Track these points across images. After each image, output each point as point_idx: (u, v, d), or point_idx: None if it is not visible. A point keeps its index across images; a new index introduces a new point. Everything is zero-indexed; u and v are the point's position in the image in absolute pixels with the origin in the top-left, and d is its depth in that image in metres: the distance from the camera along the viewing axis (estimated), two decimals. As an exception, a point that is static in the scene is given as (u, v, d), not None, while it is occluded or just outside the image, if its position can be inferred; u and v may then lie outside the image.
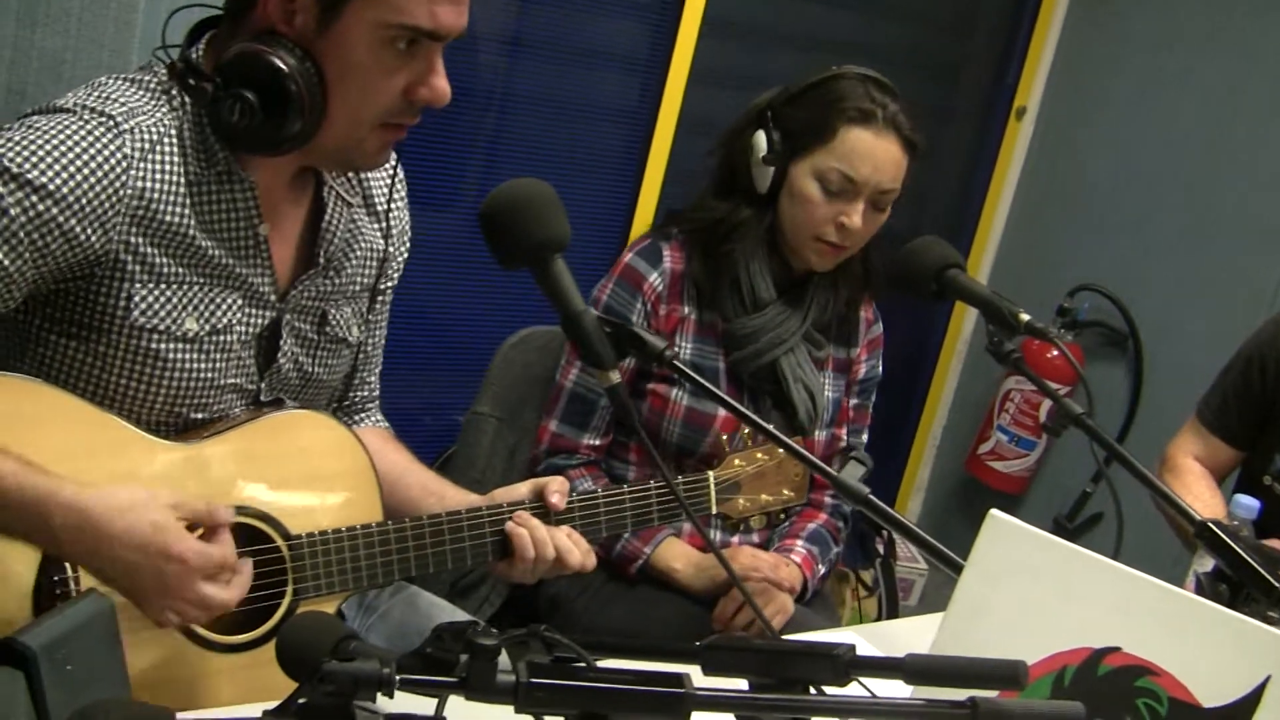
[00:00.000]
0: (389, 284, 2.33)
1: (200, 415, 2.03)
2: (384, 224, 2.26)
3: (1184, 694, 1.56)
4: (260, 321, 2.07)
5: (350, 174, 2.18)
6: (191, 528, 1.76)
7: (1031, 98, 5.40)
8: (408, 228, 2.37)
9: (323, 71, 1.89)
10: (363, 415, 2.43)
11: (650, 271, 2.82)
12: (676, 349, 2.78)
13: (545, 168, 4.29)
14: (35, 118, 1.86)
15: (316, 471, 2.05)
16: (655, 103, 4.47)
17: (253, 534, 1.96)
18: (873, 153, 2.71)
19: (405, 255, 2.37)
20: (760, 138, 2.78)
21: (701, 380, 1.93)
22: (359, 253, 2.22)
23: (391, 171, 2.26)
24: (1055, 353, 4.85)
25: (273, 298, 2.07)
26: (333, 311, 2.19)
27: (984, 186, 5.50)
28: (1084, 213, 5.21)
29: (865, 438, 3.14)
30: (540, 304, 1.86)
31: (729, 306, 2.83)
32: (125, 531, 1.69)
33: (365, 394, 2.42)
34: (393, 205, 2.27)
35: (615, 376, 1.82)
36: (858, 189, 2.72)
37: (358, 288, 2.24)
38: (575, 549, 2.17)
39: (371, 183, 2.25)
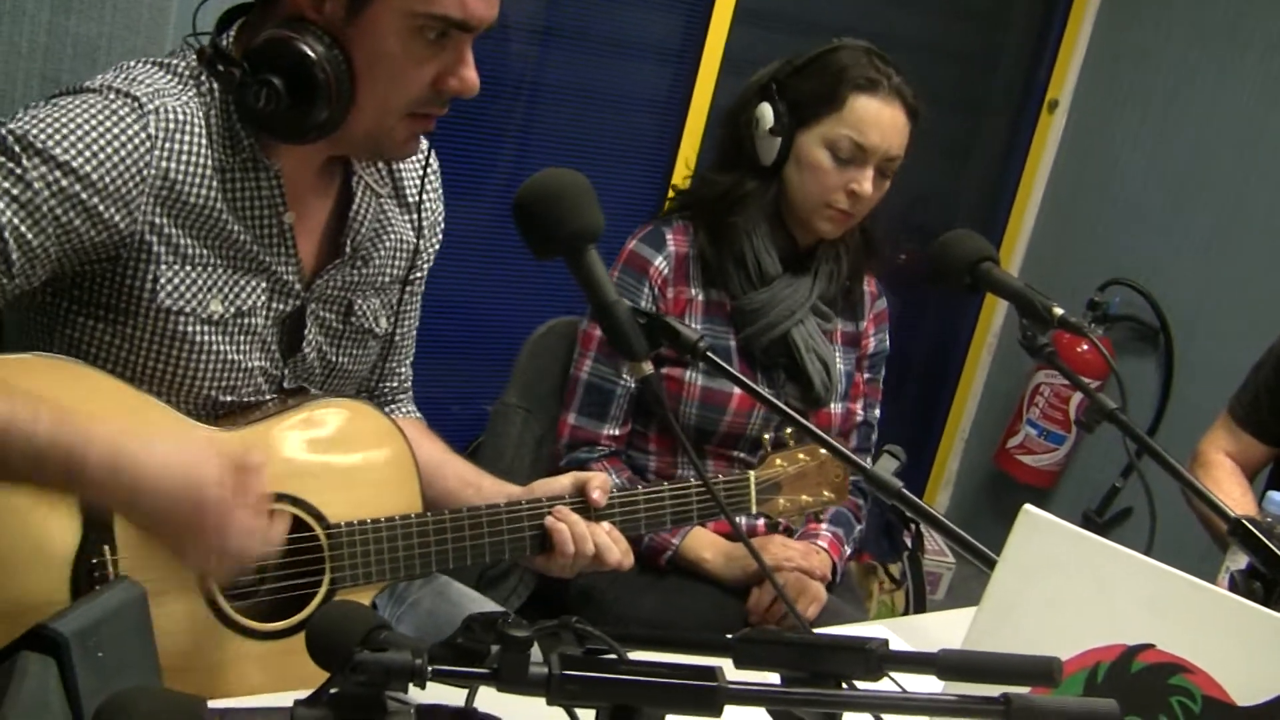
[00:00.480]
0: (419, 275, 2.33)
1: (229, 398, 2.03)
2: (415, 216, 2.25)
3: (1218, 692, 1.55)
4: (284, 309, 2.07)
5: (381, 164, 2.18)
6: None
7: (1064, 91, 5.39)
8: (440, 219, 2.36)
9: (351, 59, 1.89)
10: (394, 406, 2.43)
11: (655, 256, 2.84)
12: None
13: (577, 157, 4.29)
14: (62, 97, 1.86)
15: (356, 461, 2.05)
16: (688, 92, 4.47)
17: (290, 521, 1.96)
18: (881, 119, 2.74)
19: (436, 247, 2.37)
20: (766, 109, 2.80)
21: (734, 371, 1.92)
22: (388, 244, 2.21)
23: (424, 162, 2.25)
24: (1086, 347, 4.83)
25: (297, 286, 2.07)
26: (359, 302, 2.19)
27: (1016, 179, 5.49)
28: (1115, 207, 5.19)
29: (878, 413, 3.14)
30: (570, 294, 1.86)
31: (735, 283, 2.84)
32: (163, 463, 1.67)
33: (395, 384, 2.42)
34: (425, 197, 2.26)
35: (648, 367, 1.81)
36: (867, 156, 2.75)
37: (386, 279, 2.24)
38: (614, 547, 2.17)
39: (403, 173, 2.24)
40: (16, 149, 1.76)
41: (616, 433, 2.87)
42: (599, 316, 1.82)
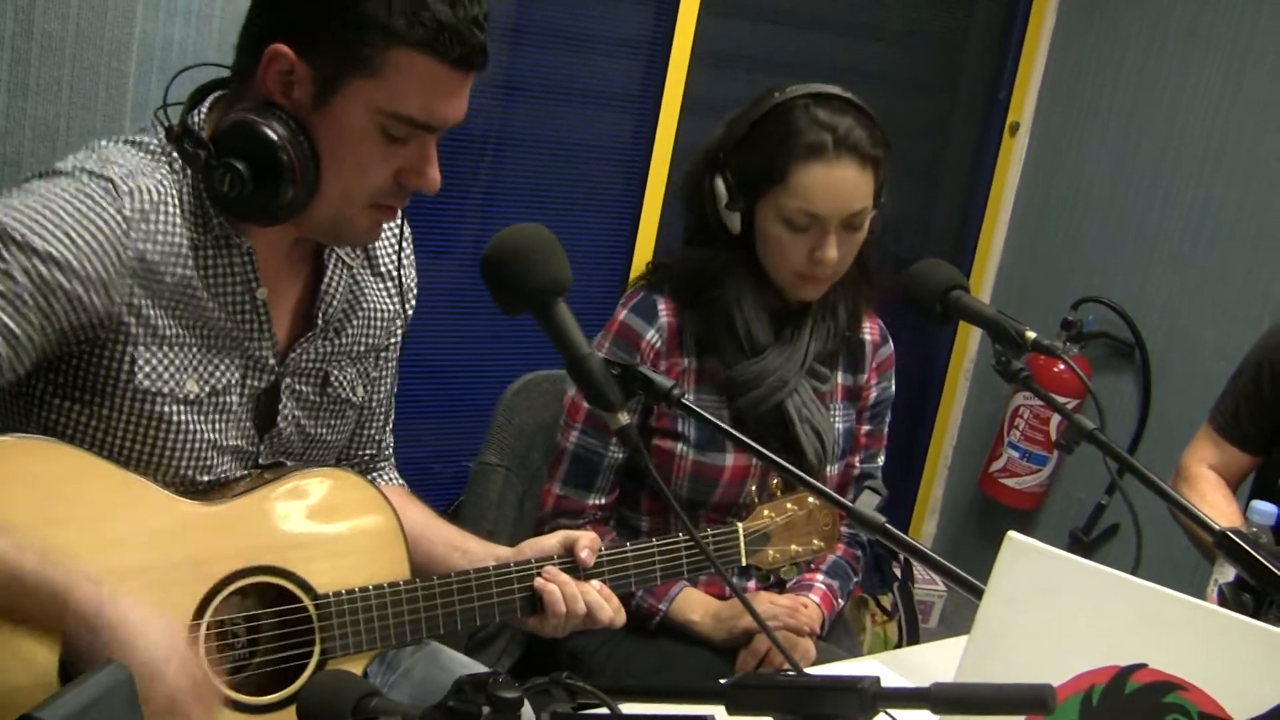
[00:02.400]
0: (393, 341, 2.32)
1: (205, 478, 2.02)
2: (392, 284, 2.26)
3: (1214, 708, 1.55)
4: (258, 385, 2.07)
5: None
6: None
7: (1024, 112, 5.41)
8: (414, 285, 2.36)
9: (316, 147, 1.90)
10: (376, 474, 2.42)
11: (647, 329, 2.77)
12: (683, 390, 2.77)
13: (542, 209, 4.29)
14: (35, 182, 1.86)
15: (343, 530, 2.04)
16: (650, 138, 4.48)
17: (279, 593, 1.95)
18: (829, 184, 2.61)
19: (410, 314, 2.36)
20: (719, 184, 2.70)
21: (711, 418, 1.92)
22: (362, 314, 2.21)
23: (398, 232, 2.26)
24: (1062, 366, 4.84)
25: (271, 361, 2.07)
26: (335, 372, 2.19)
27: (982, 203, 5.51)
28: (1084, 225, 5.21)
29: (882, 460, 3.09)
30: (545, 347, 1.85)
31: (728, 352, 2.77)
32: (139, 637, 1.68)
33: (374, 452, 2.41)
34: (402, 267, 2.27)
35: (624, 418, 1.81)
36: (824, 222, 2.63)
37: (362, 348, 2.23)
38: (606, 605, 2.16)
39: (376, 243, 2.25)
40: None
41: (603, 501, 2.82)
42: (571, 370, 1.81)
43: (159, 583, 1.84)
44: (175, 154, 1.94)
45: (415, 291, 2.37)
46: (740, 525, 2.39)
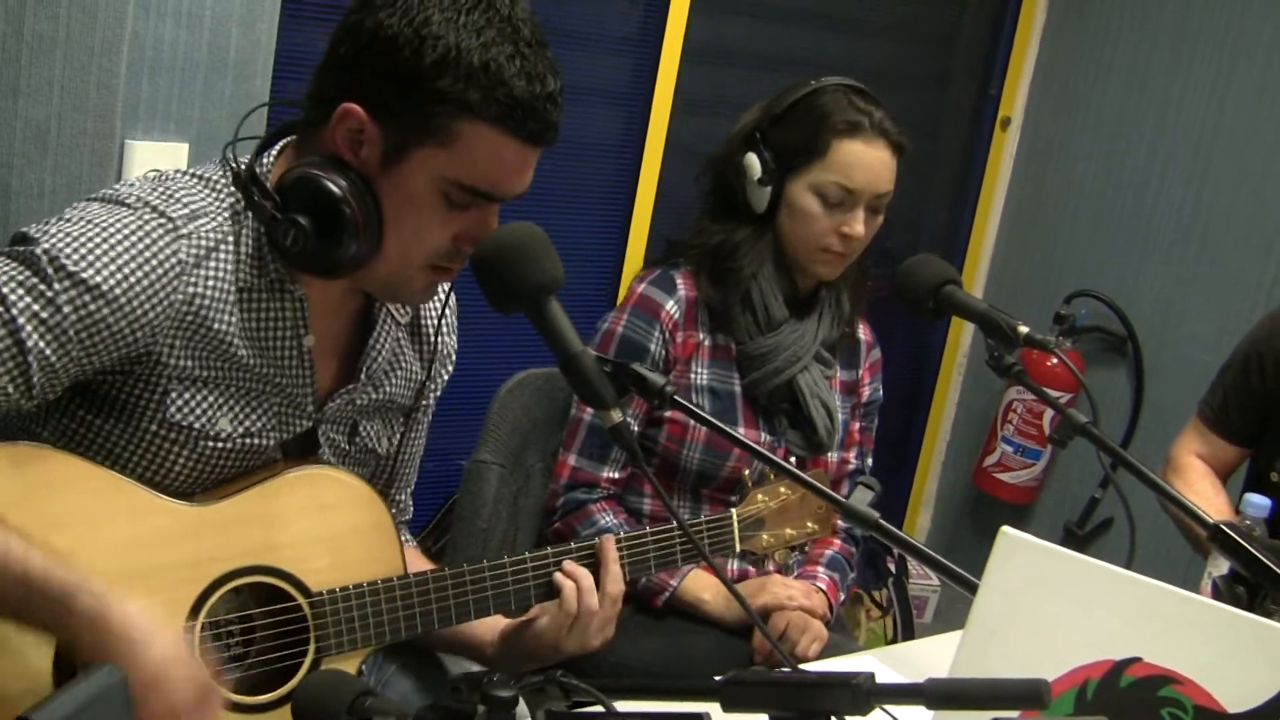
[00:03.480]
0: (426, 403, 2.32)
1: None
2: (426, 349, 2.26)
3: (1209, 701, 1.55)
4: (295, 429, 2.07)
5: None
6: None
7: (1015, 107, 5.41)
8: (453, 352, 2.37)
9: (380, 206, 1.90)
10: None
11: (666, 299, 2.83)
12: (695, 375, 2.81)
13: (534, 207, 4.27)
14: (95, 208, 1.85)
15: (336, 527, 2.04)
16: (641, 134, 4.47)
17: (273, 592, 1.95)
18: (866, 161, 2.74)
19: (445, 379, 2.38)
20: (752, 159, 2.80)
21: (701, 413, 1.93)
22: (401, 373, 2.22)
23: (444, 299, 2.26)
24: (1055, 360, 4.84)
25: (310, 408, 2.07)
26: (364, 423, 2.19)
27: (974, 198, 5.51)
28: (1075, 219, 5.21)
29: (870, 460, 3.14)
30: (538, 344, 1.86)
31: (742, 327, 2.84)
32: (143, 641, 1.65)
33: (394, 513, 2.40)
34: (441, 335, 2.28)
35: (617, 415, 1.81)
36: (856, 198, 2.75)
37: (394, 406, 2.23)
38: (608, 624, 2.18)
39: (422, 305, 2.25)
40: (50, 270, 1.75)
41: (617, 476, 2.85)
42: (564, 368, 1.82)
43: (153, 585, 1.83)
44: (240, 198, 1.93)
45: (454, 359, 2.38)
46: (734, 512, 2.39)
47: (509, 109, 1.84)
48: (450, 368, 2.38)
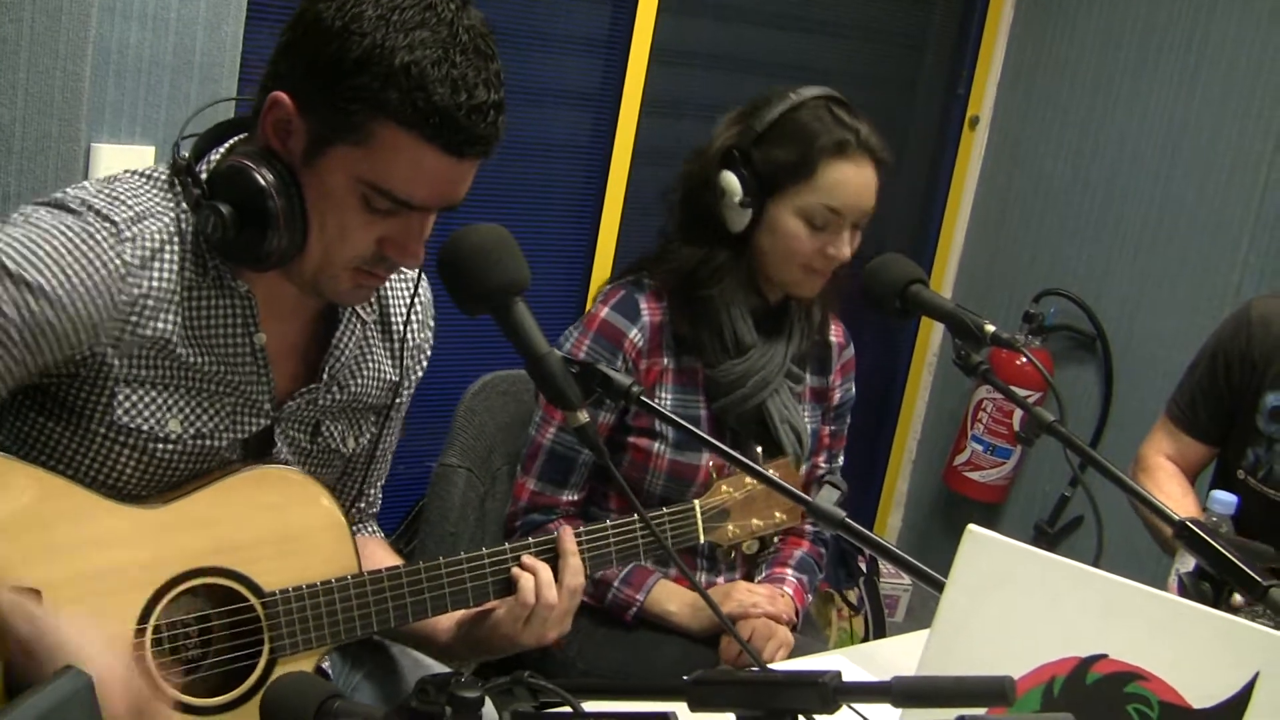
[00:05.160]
0: (399, 401, 2.29)
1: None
2: (396, 347, 2.23)
3: (1174, 697, 1.56)
4: (251, 428, 2.05)
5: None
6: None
7: (984, 107, 5.43)
8: (427, 346, 2.34)
9: (304, 200, 1.87)
10: (359, 526, 2.40)
11: (630, 327, 2.76)
12: (660, 400, 2.77)
13: (499, 209, 4.28)
14: (40, 212, 1.84)
15: (289, 527, 2.03)
16: (610, 135, 4.47)
17: (226, 593, 1.94)
18: (854, 182, 2.69)
19: (420, 375, 2.35)
20: (732, 179, 2.71)
21: (667, 414, 1.93)
22: (367, 372, 2.19)
23: (412, 291, 2.24)
24: (1024, 359, 4.84)
25: (267, 406, 2.05)
26: (327, 423, 2.17)
27: (943, 198, 5.52)
28: (1044, 217, 5.23)
29: (841, 460, 3.12)
30: (504, 347, 1.86)
31: (710, 352, 2.78)
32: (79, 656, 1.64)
33: (363, 506, 2.40)
34: (410, 329, 2.24)
35: (583, 416, 1.81)
36: (842, 219, 2.70)
37: (359, 405, 2.21)
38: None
39: (390, 300, 2.22)
40: None
41: (575, 498, 2.82)
42: (530, 369, 1.82)
43: (103, 589, 1.83)
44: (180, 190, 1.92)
45: (428, 353, 2.35)
46: (697, 503, 2.38)
47: (426, 115, 1.78)
48: (425, 362, 2.35)
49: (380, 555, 2.29)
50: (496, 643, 2.16)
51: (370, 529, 2.43)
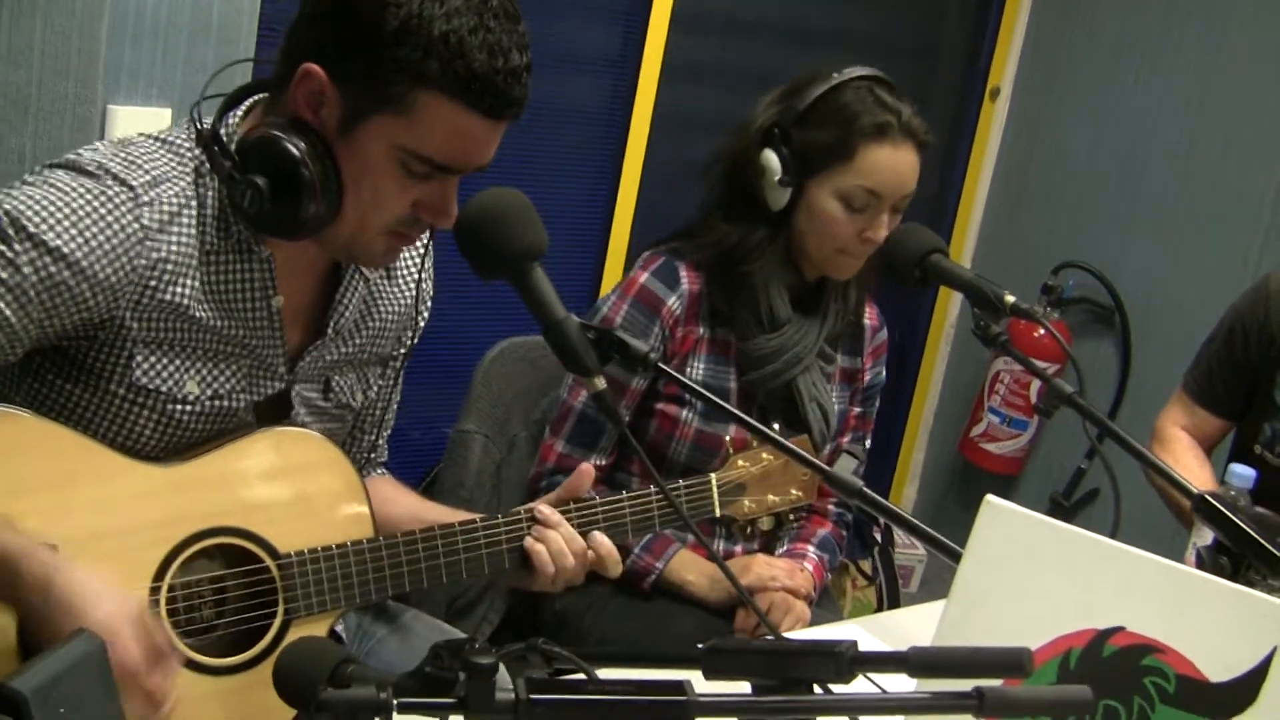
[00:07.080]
0: (403, 350, 2.31)
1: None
2: (413, 292, 2.25)
3: (1191, 670, 1.55)
4: (267, 390, 2.06)
5: None
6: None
7: (1004, 78, 5.40)
8: (427, 297, 2.34)
9: (339, 169, 1.87)
10: (367, 469, 2.40)
11: (669, 294, 2.75)
12: (692, 369, 2.77)
13: (518, 174, 4.27)
14: (59, 173, 1.84)
15: (305, 489, 2.03)
16: (629, 102, 4.45)
17: (241, 554, 1.95)
18: (894, 166, 2.66)
19: (423, 322, 2.36)
20: (771, 158, 2.69)
21: (692, 384, 1.92)
22: (373, 324, 2.20)
23: (424, 247, 2.24)
24: (1042, 331, 4.83)
25: (281, 369, 2.06)
26: (336, 378, 2.17)
27: (963, 169, 5.50)
28: (1064, 189, 5.21)
29: (868, 443, 3.10)
30: (522, 312, 1.85)
31: (745, 326, 2.77)
32: (92, 607, 1.64)
33: (373, 456, 2.40)
34: (422, 276, 2.25)
35: (601, 383, 1.81)
36: (882, 202, 2.67)
37: (366, 357, 2.22)
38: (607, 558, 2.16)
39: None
40: (10, 231, 1.75)
41: (603, 463, 2.80)
42: (548, 335, 1.81)
43: (119, 547, 1.83)
44: (205, 159, 1.92)
45: (429, 304, 2.35)
46: (714, 476, 2.38)
47: (467, 82, 1.80)
48: (426, 314, 2.35)
49: (391, 493, 2.31)
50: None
51: (378, 471, 2.44)
